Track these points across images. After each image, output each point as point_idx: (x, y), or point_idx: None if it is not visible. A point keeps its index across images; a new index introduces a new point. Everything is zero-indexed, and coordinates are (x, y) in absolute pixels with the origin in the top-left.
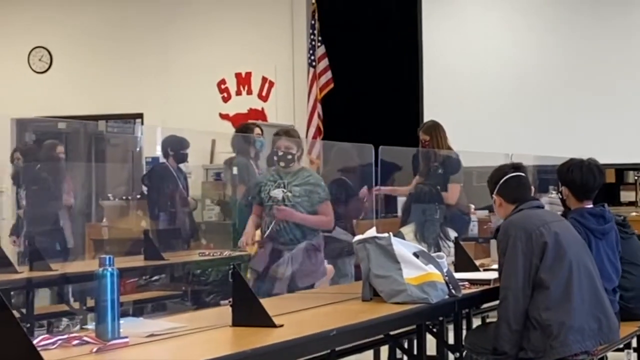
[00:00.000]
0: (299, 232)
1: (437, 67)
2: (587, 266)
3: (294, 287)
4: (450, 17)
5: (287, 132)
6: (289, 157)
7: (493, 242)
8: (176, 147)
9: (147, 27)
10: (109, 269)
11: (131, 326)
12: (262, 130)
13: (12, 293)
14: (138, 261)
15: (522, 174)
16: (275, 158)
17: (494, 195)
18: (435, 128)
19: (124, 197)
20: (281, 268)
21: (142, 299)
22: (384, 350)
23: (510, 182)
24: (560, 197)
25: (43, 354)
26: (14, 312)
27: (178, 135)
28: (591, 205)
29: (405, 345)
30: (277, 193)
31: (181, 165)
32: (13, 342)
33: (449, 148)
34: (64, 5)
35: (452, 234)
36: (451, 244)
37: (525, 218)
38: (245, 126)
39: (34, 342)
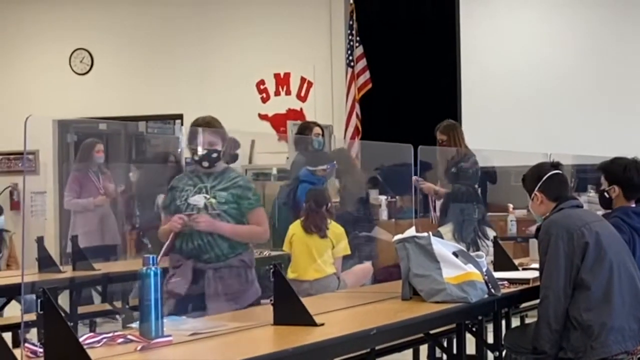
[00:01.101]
0: (227, 247)
1: (474, 67)
2: (627, 267)
3: (219, 310)
4: (488, 16)
5: (209, 123)
6: (214, 155)
7: (532, 242)
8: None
9: (186, 28)
10: (153, 268)
11: (174, 325)
12: (322, 130)
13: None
14: None
15: (562, 172)
16: (196, 158)
17: (535, 192)
18: (453, 128)
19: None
20: (206, 290)
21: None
22: (423, 349)
23: (553, 180)
24: (607, 195)
25: (89, 352)
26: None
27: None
28: (634, 205)
29: (444, 344)
30: (198, 200)
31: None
32: (60, 340)
33: (466, 148)
34: (105, 7)
35: (491, 233)
36: (490, 243)
37: (566, 218)
38: (304, 125)
39: (80, 340)
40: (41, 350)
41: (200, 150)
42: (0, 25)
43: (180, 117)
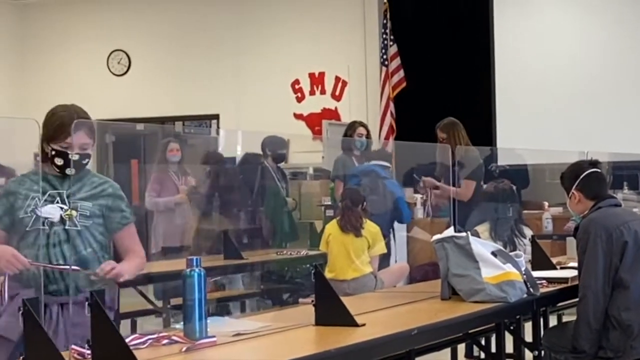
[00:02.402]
0: (84, 277)
1: (509, 64)
2: None
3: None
4: (522, 14)
5: (77, 114)
6: (86, 161)
7: (570, 240)
8: (274, 147)
9: (222, 29)
10: (196, 270)
11: (217, 325)
12: (367, 130)
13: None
14: (218, 260)
15: (600, 171)
16: (59, 162)
17: (573, 191)
18: (453, 126)
19: None
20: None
21: (223, 297)
22: (461, 347)
23: (591, 178)
24: None
25: (135, 353)
26: None
27: (277, 136)
28: None
29: (482, 343)
30: (52, 212)
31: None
32: (107, 341)
33: (467, 145)
34: (142, 9)
35: (528, 232)
36: (527, 242)
37: (605, 217)
38: (349, 125)
39: (126, 341)
40: (88, 352)
41: (71, 154)
42: (39, 27)
43: (216, 117)
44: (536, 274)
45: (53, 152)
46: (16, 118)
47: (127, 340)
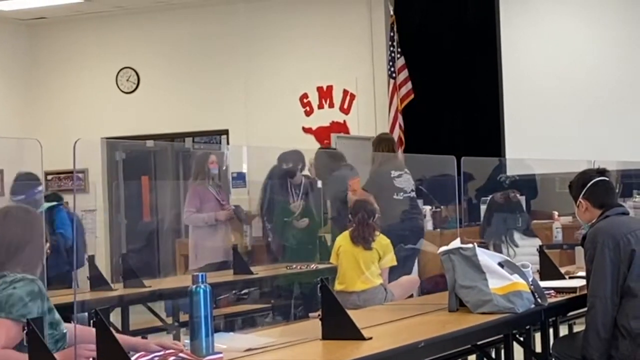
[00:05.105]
0: None
1: (517, 75)
2: None
3: None
4: (529, 24)
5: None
6: None
7: (579, 250)
8: (293, 162)
9: (229, 45)
10: (202, 286)
11: (225, 342)
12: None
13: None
14: (227, 276)
15: (608, 179)
16: None
17: (580, 200)
18: (379, 142)
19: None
20: None
21: (232, 313)
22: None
23: (598, 187)
24: None
25: None
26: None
27: (296, 150)
28: None
29: (492, 354)
30: None
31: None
32: None
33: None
34: (150, 26)
35: (536, 242)
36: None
37: (612, 225)
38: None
39: (132, 359)
40: None
41: None
42: (47, 45)
43: (225, 132)
44: (544, 284)
45: None
46: (21, 138)
47: (133, 358)
